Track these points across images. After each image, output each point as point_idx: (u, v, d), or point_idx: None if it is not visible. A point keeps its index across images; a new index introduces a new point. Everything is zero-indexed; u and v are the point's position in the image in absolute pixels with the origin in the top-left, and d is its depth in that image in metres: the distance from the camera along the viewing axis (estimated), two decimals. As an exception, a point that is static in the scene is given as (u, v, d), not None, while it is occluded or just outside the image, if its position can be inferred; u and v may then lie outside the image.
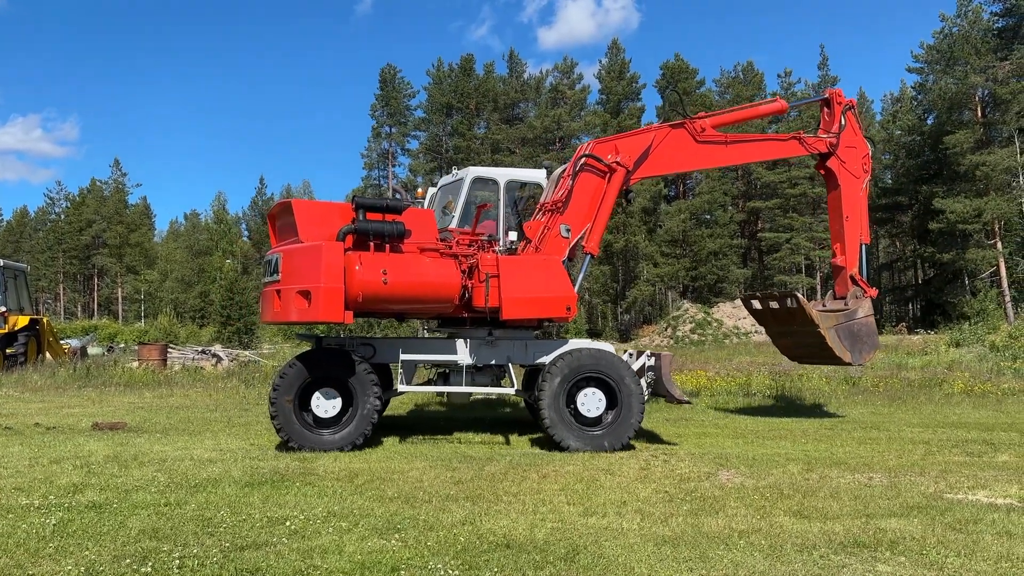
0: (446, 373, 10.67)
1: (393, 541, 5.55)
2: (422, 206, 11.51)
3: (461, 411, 14.44)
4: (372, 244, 9.18)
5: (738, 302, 48.34)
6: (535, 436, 11.25)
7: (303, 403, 9.49)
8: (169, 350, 25.05)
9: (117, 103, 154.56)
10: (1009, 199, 48.74)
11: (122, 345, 40.17)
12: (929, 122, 59.16)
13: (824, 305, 13.03)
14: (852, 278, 12.70)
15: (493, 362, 10.46)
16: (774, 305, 12.93)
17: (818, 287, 63.53)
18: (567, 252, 10.51)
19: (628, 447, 9.89)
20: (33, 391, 17.17)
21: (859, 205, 12.84)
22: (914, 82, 63.09)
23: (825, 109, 13.17)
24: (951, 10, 60.19)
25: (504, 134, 63.37)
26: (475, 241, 10.21)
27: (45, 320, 24.67)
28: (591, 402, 9.92)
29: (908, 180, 61.17)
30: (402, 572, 4.92)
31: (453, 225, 10.61)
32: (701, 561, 5.21)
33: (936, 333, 36.41)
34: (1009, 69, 48.55)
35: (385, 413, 14.14)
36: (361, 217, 9.21)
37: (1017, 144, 48.82)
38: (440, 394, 11.32)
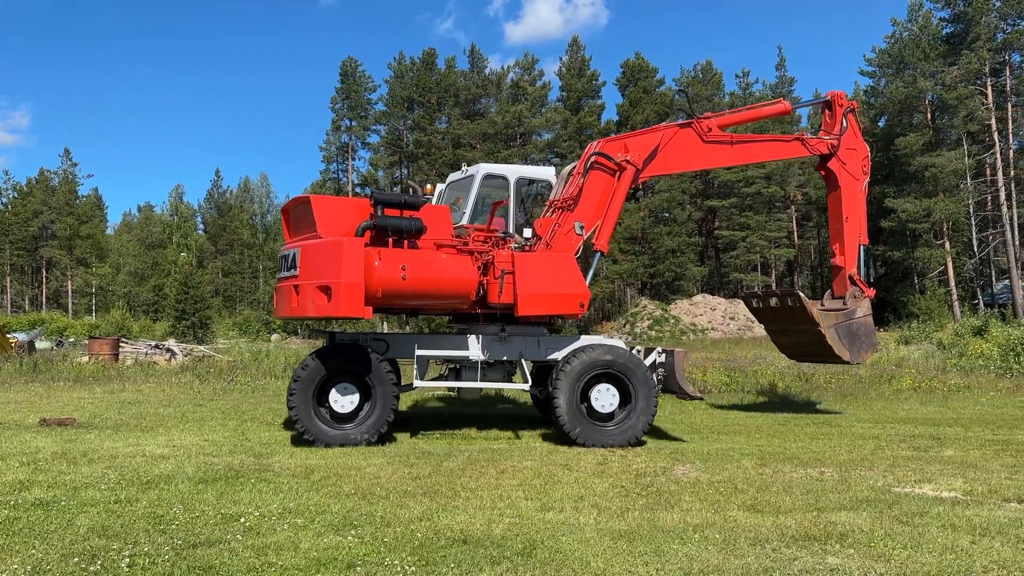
0: (458, 369, 10.68)
1: (349, 537, 5.52)
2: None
3: (421, 407, 14.40)
4: (391, 240, 9.23)
5: (695, 299, 48.93)
6: (494, 432, 11.27)
7: (321, 398, 9.52)
8: (121, 344, 24.55)
9: (69, 92, 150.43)
10: (957, 200, 50.03)
11: (72, 339, 39.21)
12: (881, 124, 60.43)
13: (823, 304, 13.23)
14: (851, 278, 12.91)
15: (505, 358, 10.49)
16: (775, 303, 13.13)
17: (773, 284, 64.53)
18: (579, 249, 10.57)
19: (640, 443, 9.96)
20: (-22, 386, 16.68)
21: (858, 206, 13.06)
22: (867, 85, 64.41)
23: (827, 111, 13.33)
24: (903, 15, 61.58)
25: (465, 129, 63.21)
26: (490, 238, 10.25)
27: (-9, 313, 23.99)
28: (605, 398, 9.99)
29: (861, 181, 62.36)
30: (358, 569, 4.89)
31: (464, 222, 10.62)
32: (656, 555, 5.26)
33: (886, 330, 37.24)
34: (957, 74, 49.79)
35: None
36: (380, 213, 9.26)
37: (965, 147, 50.17)
38: (451, 389, 11.36)
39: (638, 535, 5.71)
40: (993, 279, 54.34)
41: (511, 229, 10.74)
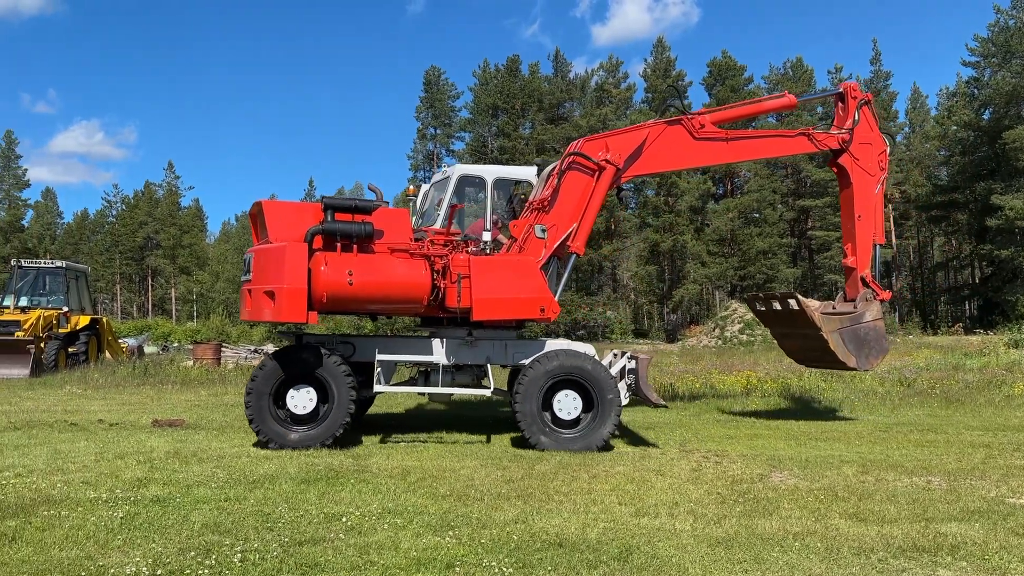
0: (427, 372, 10.61)
1: (447, 538, 5.63)
2: (414, 204, 11.51)
3: (502, 410, 14.51)
4: (339, 245, 9.21)
5: (810, 302, 47.59)
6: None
7: (279, 400, 9.51)
8: (222, 349, 25.59)
9: (173, 107, 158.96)
10: (1072, 195, 47.23)
11: (176, 344, 41.15)
12: (986, 117, 57.56)
13: (834, 307, 12.74)
14: (863, 280, 12.42)
15: (470, 362, 10.38)
16: (776, 307, 12.70)
17: (870, 286, 62.19)
18: (551, 251, 10.41)
19: (606, 448, 9.78)
20: (95, 388, 17.70)
21: (872, 204, 12.48)
22: (969, 76, 61.48)
23: (839, 104, 12.82)
24: (1005, 2, 58.50)
25: (549, 134, 63.36)
26: (450, 241, 10.13)
27: (104, 320, 25.41)
28: (567, 404, 9.82)
29: (964, 177, 59.63)
30: (457, 569, 4.99)
31: (438, 224, 10.54)
32: (756, 563, 5.18)
33: (995, 333, 35.39)
34: (1071, 61, 47.04)
35: (422, 408, 14.28)
36: (329, 218, 9.25)
37: (1080, 138, 47.30)
38: (421, 392, 11.06)
39: (736, 542, 5.62)
40: (1113, 278, 50.96)
41: (487, 231, 10.61)
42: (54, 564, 4.93)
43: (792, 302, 12.24)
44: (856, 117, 12.42)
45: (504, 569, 4.98)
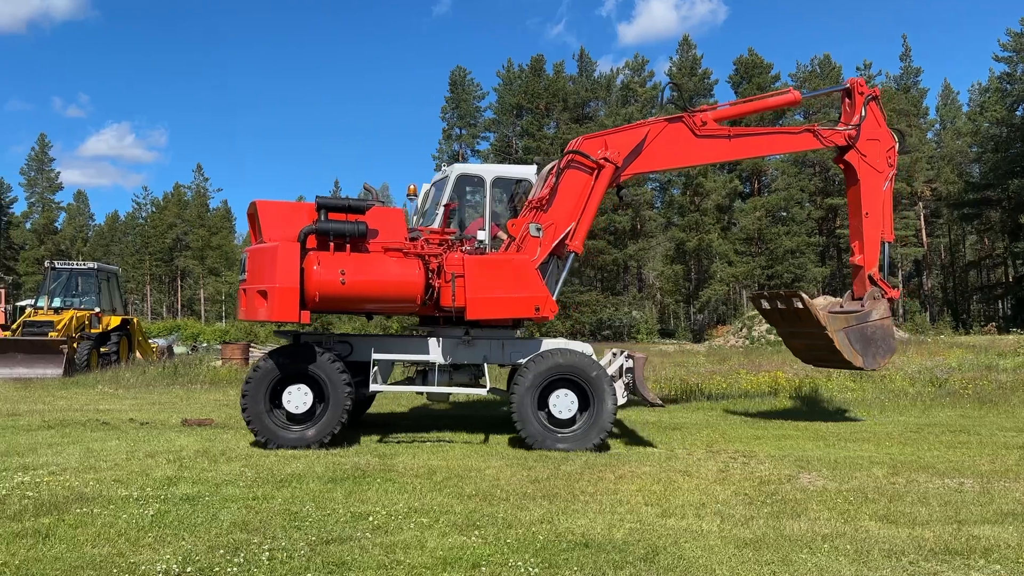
0: (424, 372, 10.58)
1: (473, 538, 5.64)
2: (415, 203, 11.52)
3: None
4: (332, 244, 9.23)
5: (817, 301, 47.07)
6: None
7: (275, 400, 9.51)
8: (251, 349, 25.83)
9: (203, 110, 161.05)
10: (1108, 192, 46.26)
11: (205, 344, 41.63)
12: (1019, 113, 56.57)
13: (842, 306, 12.58)
14: (871, 278, 12.27)
15: (467, 362, 10.36)
16: (781, 305, 12.56)
17: (900, 285, 61.41)
18: (549, 250, 10.36)
19: (603, 448, 9.73)
20: (126, 388, 17.95)
21: (880, 201, 12.36)
22: (1001, 72, 60.48)
23: (846, 100, 12.68)
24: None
25: (575, 133, 63.21)
26: (445, 240, 10.09)
27: (135, 320, 25.76)
28: (563, 404, 9.77)
29: (997, 174, 58.64)
30: (483, 569, 5.00)
31: (436, 224, 10.54)
32: (784, 564, 5.13)
33: (1029, 333, 34.75)
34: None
35: (444, 408, 14.30)
36: (323, 217, 9.27)
37: (1117, 134, 46.32)
38: (421, 392, 10.96)
39: (764, 543, 5.58)
40: None
41: (483, 230, 10.58)
42: (87, 561, 5.01)
43: (796, 301, 12.12)
44: (863, 113, 12.32)
45: (530, 569, 4.98)
